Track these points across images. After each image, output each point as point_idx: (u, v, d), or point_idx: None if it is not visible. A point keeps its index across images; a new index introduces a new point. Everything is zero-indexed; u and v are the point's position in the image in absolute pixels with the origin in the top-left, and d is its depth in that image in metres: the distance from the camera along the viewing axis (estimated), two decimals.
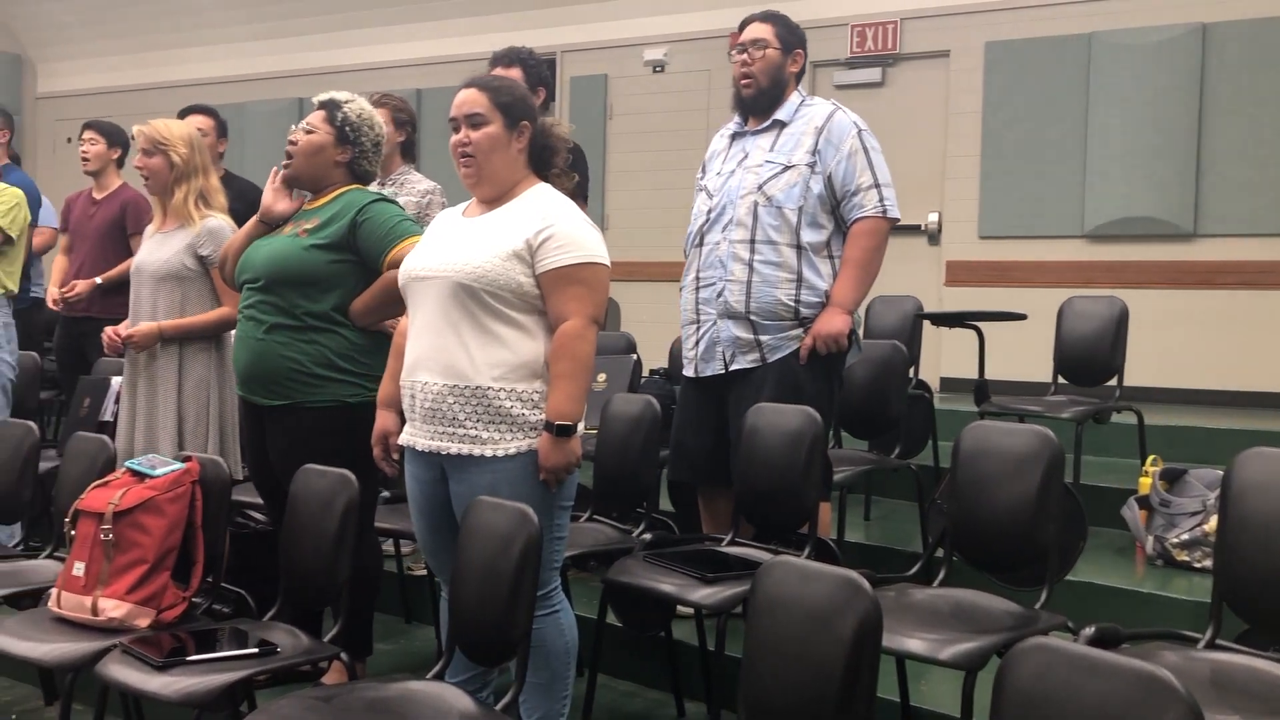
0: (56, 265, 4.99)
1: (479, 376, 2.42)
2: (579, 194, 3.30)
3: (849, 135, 3.29)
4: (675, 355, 4.65)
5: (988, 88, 6.35)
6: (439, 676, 2.37)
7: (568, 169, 2.65)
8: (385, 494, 3.42)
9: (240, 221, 3.30)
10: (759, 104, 3.36)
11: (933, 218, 6.55)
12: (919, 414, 4.24)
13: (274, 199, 3.03)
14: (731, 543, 3.08)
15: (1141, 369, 4.93)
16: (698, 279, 3.37)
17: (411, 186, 3.95)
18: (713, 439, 3.36)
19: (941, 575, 2.68)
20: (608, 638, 3.07)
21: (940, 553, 2.75)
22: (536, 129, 2.57)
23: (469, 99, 2.51)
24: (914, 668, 2.79)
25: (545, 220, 2.45)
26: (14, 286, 4.18)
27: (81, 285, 4.52)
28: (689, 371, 3.44)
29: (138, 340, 3.42)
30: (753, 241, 3.26)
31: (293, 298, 2.92)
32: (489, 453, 2.43)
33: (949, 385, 6.07)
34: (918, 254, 6.57)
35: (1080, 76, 6.08)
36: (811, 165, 3.27)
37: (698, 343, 3.37)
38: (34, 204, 4.91)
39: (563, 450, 2.43)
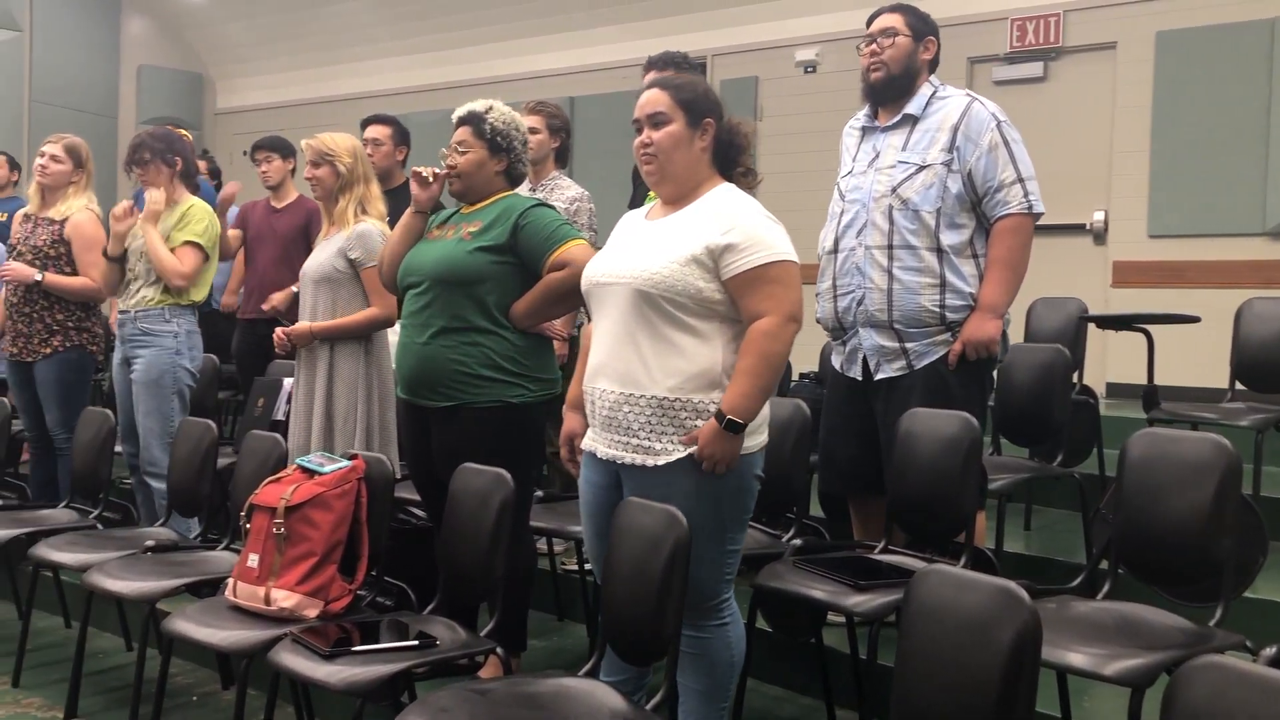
0: (235, 271, 5.28)
1: (654, 386, 2.38)
2: None
3: (988, 128, 3.16)
4: (826, 358, 4.60)
5: (1159, 80, 6.06)
6: (591, 674, 2.41)
7: (752, 168, 2.59)
8: (539, 493, 3.49)
9: None
10: (889, 92, 3.25)
11: (1098, 216, 6.29)
12: (1083, 420, 4.07)
13: (419, 188, 3.13)
14: (884, 550, 3.03)
15: None
16: (834, 286, 3.30)
17: (561, 193, 4.04)
18: (860, 447, 3.30)
19: (1106, 588, 2.58)
20: (758, 642, 3.06)
21: (1105, 565, 2.64)
22: (721, 126, 2.52)
23: (651, 99, 2.48)
24: (1076, 683, 2.69)
25: (726, 224, 2.39)
26: (201, 298, 4.41)
27: (278, 297, 4.65)
28: (836, 364, 3.39)
29: (294, 339, 3.60)
30: (890, 247, 3.17)
31: (458, 300, 3.00)
32: (661, 462, 2.39)
33: (1115, 391, 5.82)
34: (1082, 254, 6.32)
35: (1261, 65, 5.73)
36: (948, 164, 3.15)
37: (844, 344, 3.34)
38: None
39: (723, 443, 2.34)
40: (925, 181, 3.15)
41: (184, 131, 5.10)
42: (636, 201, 3.99)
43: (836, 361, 3.41)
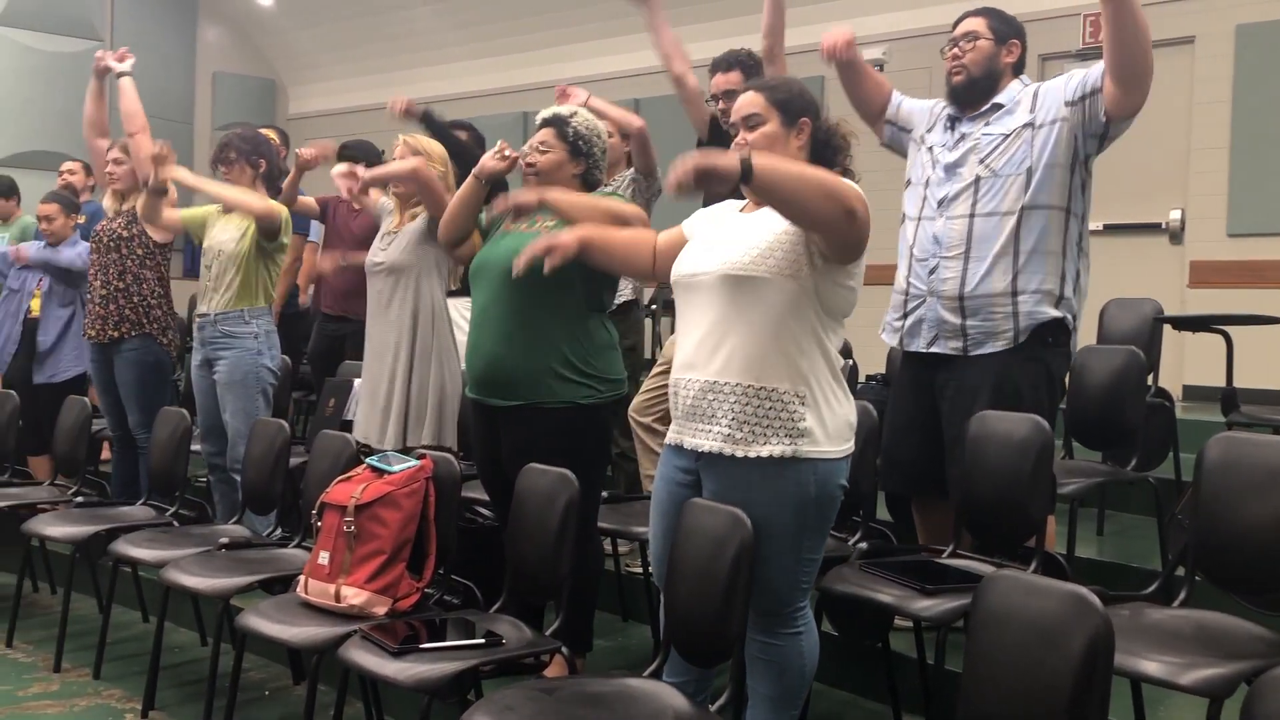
0: (305, 268, 5.42)
1: (734, 374, 2.34)
2: None
3: (1066, 73, 3.14)
4: (893, 361, 4.55)
5: (1239, 74, 5.91)
6: (655, 675, 2.41)
7: (850, 169, 2.54)
8: (604, 493, 3.51)
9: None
10: (970, 94, 3.23)
11: (1175, 215, 6.15)
12: (1158, 424, 3.99)
13: (492, 160, 3.23)
14: (952, 554, 2.99)
15: None
16: (911, 252, 3.26)
17: (624, 177, 4.16)
18: (924, 447, 3.26)
19: (1183, 595, 2.52)
20: (825, 645, 3.03)
21: (1181, 571, 2.58)
22: (818, 125, 2.50)
23: (746, 101, 2.46)
24: (1151, 693, 2.63)
25: None
26: (276, 296, 4.50)
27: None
28: (892, 341, 3.35)
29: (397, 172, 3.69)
30: (972, 216, 3.13)
31: (528, 298, 3.01)
32: (740, 453, 2.34)
33: (1192, 394, 5.68)
34: (1158, 254, 6.19)
35: None
36: (1030, 123, 3.11)
37: (904, 316, 3.28)
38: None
39: (713, 159, 2.12)
40: (1011, 148, 3.12)
41: (271, 134, 5.23)
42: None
43: (895, 338, 3.33)
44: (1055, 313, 3.11)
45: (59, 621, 3.94)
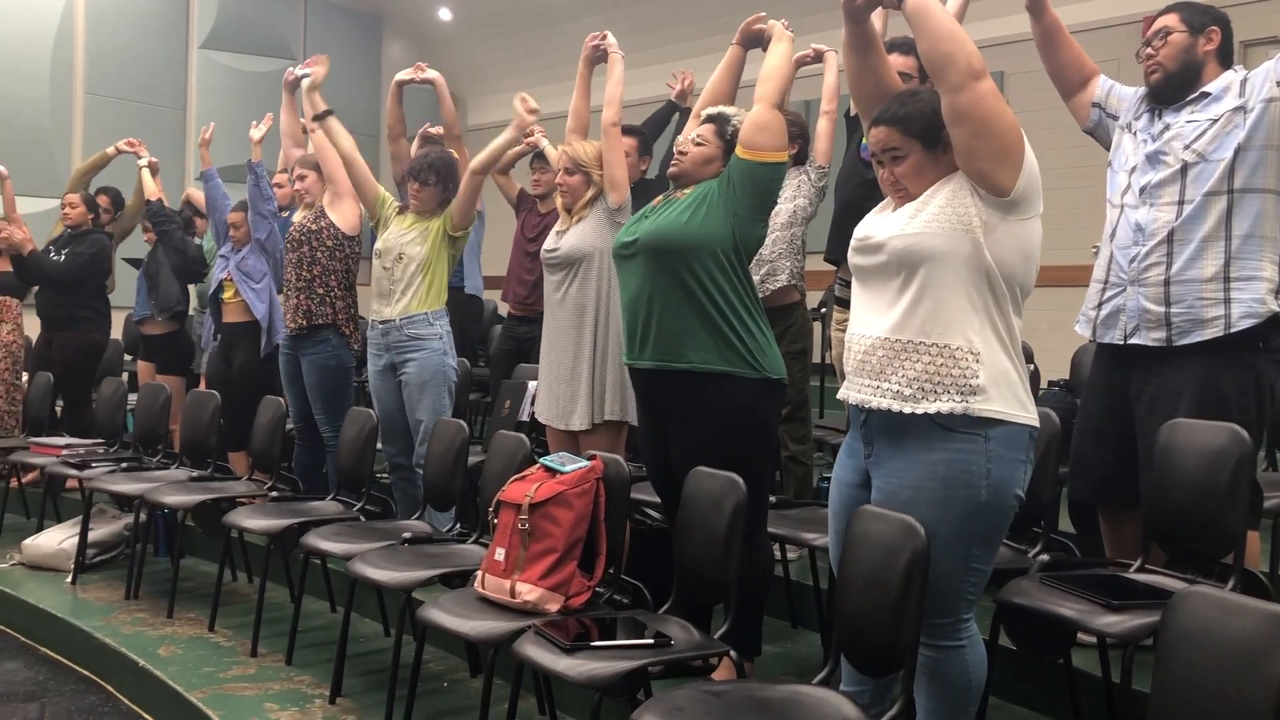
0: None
1: (907, 331, 2.33)
2: None
3: (1274, 57, 2.97)
4: (1076, 365, 4.37)
5: None
6: (825, 682, 2.38)
7: None
8: (773, 499, 3.49)
9: None
10: (1168, 89, 3.10)
11: None
12: None
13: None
14: (1140, 569, 2.85)
15: None
16: (1113, 237, 3.13)
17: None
18: (1117, 454, 3.12)
19: None
20: (1003, 660, 2.94)
21: None
22: None
23: (880, 138, 2.43)
24: None
25: None
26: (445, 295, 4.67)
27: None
28: (1085, 331, 3.21)
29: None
30: (1180, 203, 2.99)
31: (677, 273, 3.03)
32: (909, 409, 2.31)
33: None
34: None
35: None
36: (1241, 107, 2.96)
37: (1100, 305, 3.15)
38: None
39: None
40: (1220, 131, 2.98)
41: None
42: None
43: (1089, 328, 3.19)
44: (1275, 305, 2.93)
45: (255, 609, 4.17)
